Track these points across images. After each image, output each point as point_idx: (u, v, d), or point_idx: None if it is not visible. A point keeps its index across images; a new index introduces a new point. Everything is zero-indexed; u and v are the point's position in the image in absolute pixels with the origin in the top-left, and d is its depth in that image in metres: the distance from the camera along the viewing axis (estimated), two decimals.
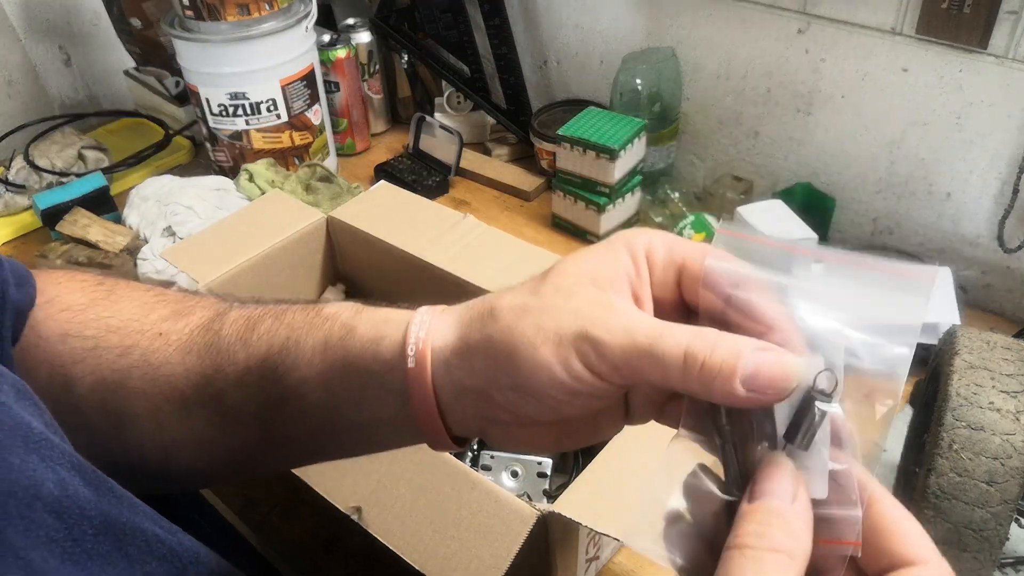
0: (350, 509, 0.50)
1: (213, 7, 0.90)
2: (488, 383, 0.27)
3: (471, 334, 0.28)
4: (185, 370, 0.33)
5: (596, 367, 0.25)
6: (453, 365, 0.28)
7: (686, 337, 0.24)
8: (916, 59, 0.76)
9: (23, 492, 0.22)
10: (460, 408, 0.28)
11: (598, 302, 0.26)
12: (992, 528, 0.46)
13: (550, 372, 0.25)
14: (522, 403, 0.27)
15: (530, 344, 0.26)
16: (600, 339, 0.25)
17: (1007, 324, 0.80)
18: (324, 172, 0.99)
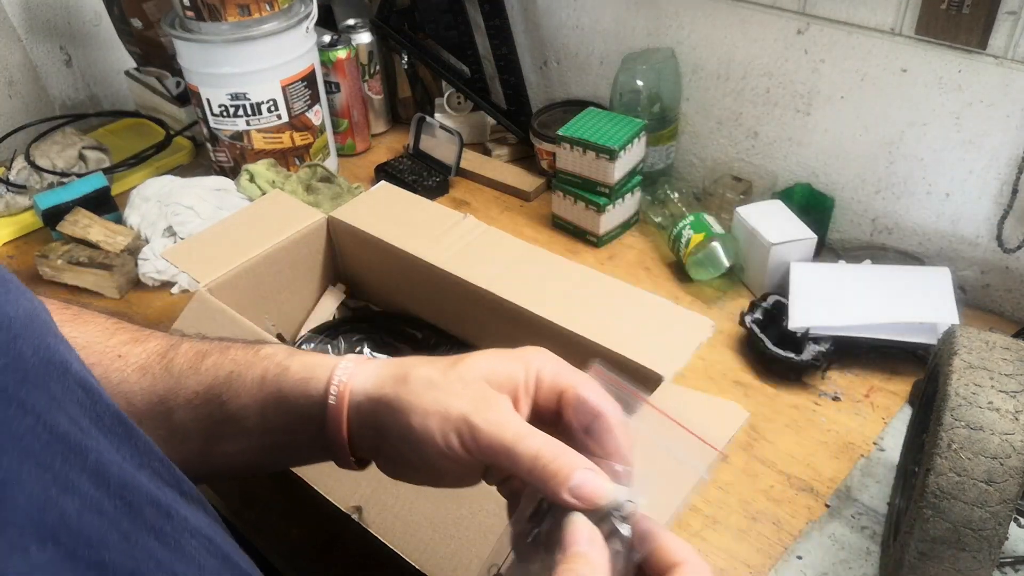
0: (350, 509, 0.50)
1: (214, 8, 0.90)
2: (386, 429, 0.35)
3: (384, 389, 0.35)
4: (141, 389, 0.38)
5: (468, 445, 0.33)
6: (364, 409, 0.36)
7: (539, 443, 0.32)
8: (915, 59, 0.76)
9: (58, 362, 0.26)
10: (362, 439, 0.36)
11: (486, 397, 0.33)
12: (991, 527, 0.46)
13: (432, 438, 0.33)
14: (406, 451, 0.34)
15: (424, 412, 0.33)
16: (477, 426, 0.32)
17: (1006, 324, 0.80)
18: (325, 172, 0.99)
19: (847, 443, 0.69)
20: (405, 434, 0.34)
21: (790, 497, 0.64)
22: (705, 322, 0.61)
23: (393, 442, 0.35)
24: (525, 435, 0.32)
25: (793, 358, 0.73)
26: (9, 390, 0.23)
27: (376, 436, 0.36)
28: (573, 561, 0.29)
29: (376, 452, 0.37)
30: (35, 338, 0.25)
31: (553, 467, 0.31)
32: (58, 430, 0.24)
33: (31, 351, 0.25)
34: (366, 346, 0.77)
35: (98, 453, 0.25)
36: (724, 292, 0.86)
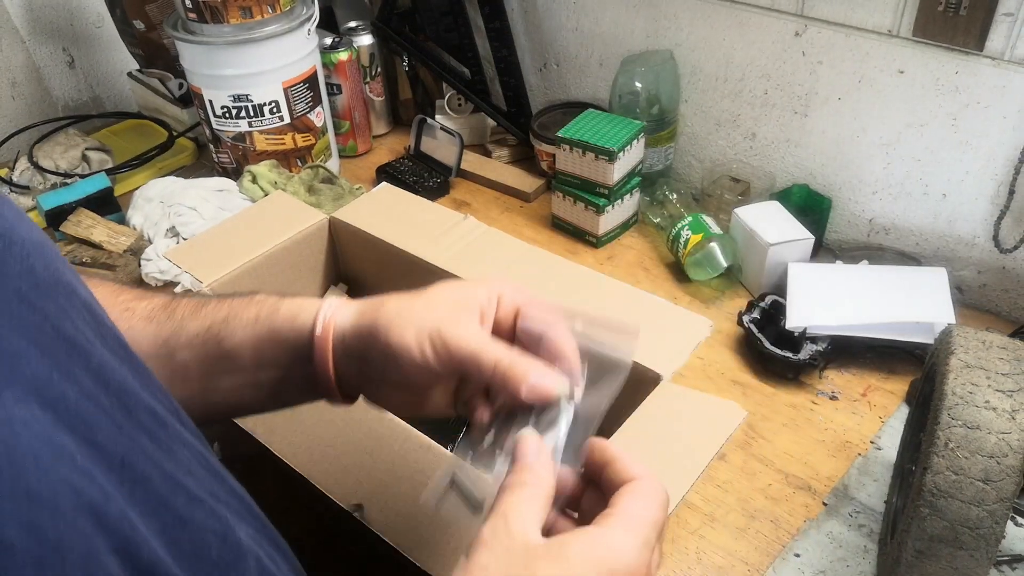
0: (352, 506, 0.50)
1: (216, 10, 0.90)
2: (369, 353, 0.39)
3: (364, 318, 0.40)
4: (146, 335, 0.42)
5: (439, 353, 0.38)
6: (348, 336, 0.40)
7: (500, 351, 0.37)
8: (912, 61, 0.76)
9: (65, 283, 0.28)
10: (347, 368, 0.40)
11: (454, 313, 0.39)
12: (988, 526, 0.46)
13: (409, 350, 0.38)
14: (387, 368, 0.39)
15: (400, 329, 0.38)
16: (447, 336, 0.37)
17: (1003, 324, 0.81)
18: (326, 173, 1.00)
19: (845, 442, 0.69)
20: (385, 352, 0.38)
21: (788, 496, 0.65)
22: (703, 322, 0.61)
23: (376, 365, 0.39)
24: (488, 344, 0.38)
25: (791, 357, 0.73)
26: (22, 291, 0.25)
27: (361, 363, 0.40)
28: (522, 472, 0.34)
29: (361, 380, 0.41)
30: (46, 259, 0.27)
31: (512, 370, 0.36)
32: (65, 332, 0.26)
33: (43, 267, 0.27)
34: None
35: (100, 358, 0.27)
36: (722, 292, 0.86)
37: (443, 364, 0.38)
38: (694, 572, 0.59)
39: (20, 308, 0.24)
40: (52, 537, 0.20)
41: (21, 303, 0.24)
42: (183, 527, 0.27)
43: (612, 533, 0.32)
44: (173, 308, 0.43)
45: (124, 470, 0.25)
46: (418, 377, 0.38)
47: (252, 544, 0.32)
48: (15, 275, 0.25)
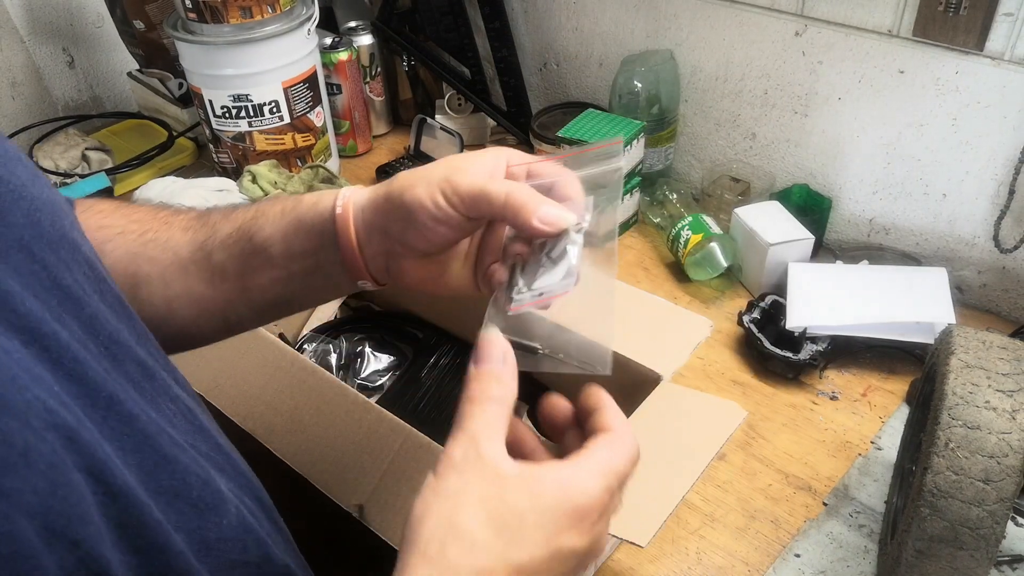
0: (352, 507, 0.50)
1: (216, 9, 0.90)
2: (387, 221, 0.41)
3: (378, 192, 0.42)
4: (184, 241, 0.45)
5: (451, 200, 0.39)
6: (367, 210, 0.42)
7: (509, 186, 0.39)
8: (913, 61, 0.76)
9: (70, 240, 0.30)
10: (370, 245, 0.42)
11: (461, 163, 0.40)
12: (988, 526, 0.46)
13: (423, 203, 0.39)
14: (405, 229, 0.40)
15: (412, 187, 0.40)
16: (456, 180, 0.39)
17: (1003, 324, 0.81)
18: (326, 173, 1.00)
19: (845, 442, 0.69)
20: (401, 212, 0.40)
21: (788, 496, 0.65)
22: (703, 322, 0.62)
23: (395, 232, 0.41)
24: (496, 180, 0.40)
25: (791, 357, 0.73)
26: (24, 239, 0.27)
27: (382, 236, 0.42)
28: (489, 381, 0.34)
29: (386, 256, 0.42)
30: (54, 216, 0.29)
31: (523, 201, 0.38)
32: (62, 282, 0.28)
33: (48, 223, 0.28)
34: (367, 345, 0.77)
35: (94, 310, 0.29)
36: (722, 292, 0.86)
37: (456, 208, 0.39)
38: (694, 572, 0.59)
39: (19, 256, 0.26)
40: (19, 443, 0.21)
41: (21, 251, 0.26)
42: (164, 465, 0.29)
43: (579, 474, 0.34)
44: (207, 216, 0.46)
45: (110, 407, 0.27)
46: (436, 233, 0.40)
47: (232, 497, 0.33)
48: (19, 225, 0.26)
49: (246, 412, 0.58)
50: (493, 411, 0.34)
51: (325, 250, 0.43)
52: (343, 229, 0.42)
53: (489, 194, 0.38)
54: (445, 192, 0.39)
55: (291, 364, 0.60)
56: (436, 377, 0.71)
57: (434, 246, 0.41)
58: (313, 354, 0.74)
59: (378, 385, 0.74)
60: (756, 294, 0.84)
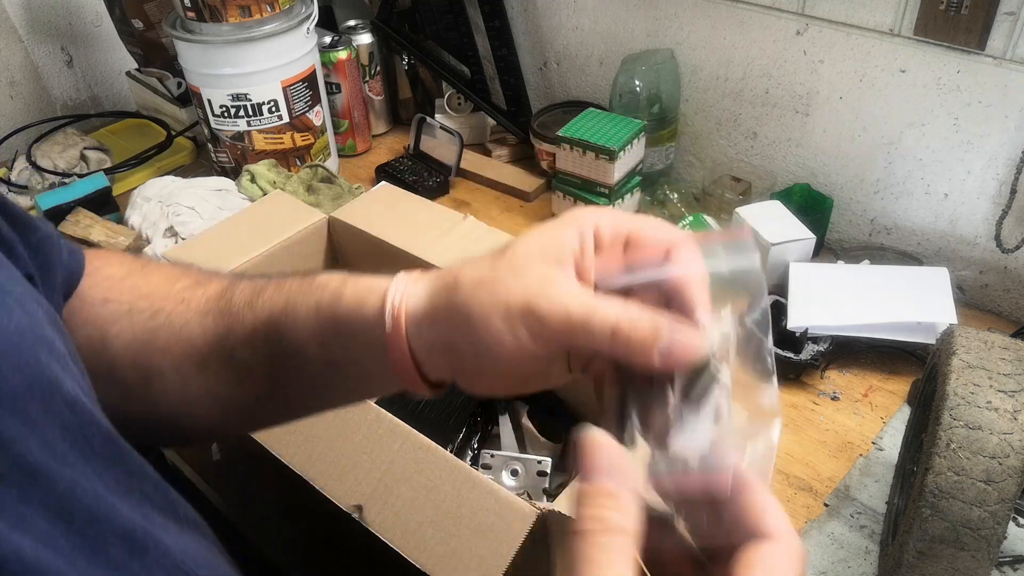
0: (351, 508, 0.50)
1: (215, 8, 0.90)
2: (452, 342, 0.32)
3: (438, 301, 0.32)
4: (203, 330, 0.38)
5: (538, 336, 0.29)
6: (424, 327, 0.32)
7: (615, 314, 0.28)
8: (914, 60, 0.76)
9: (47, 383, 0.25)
10: (432, 361, 0.33)
11: (544, 278, 0.30)
12: (990, 527, 0.46)
13: (500, 339, 0.30)
14: (479, 360, 0.31)
15: (484, 315, 0.30)
16: (542, 312, 0.29)
17: (1005, 324, 0.81)
18: (325, 173, 0.99)
19: (846, 442, 0.69)
20: (472, 344, 0.31)
21: (789, 496, 0.65)
22: None
23: (466, 355, 0.31)
24: (596, 306, 0.29)
25: (792, 358, 0.73)
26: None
27: (448, 353, 0.32)
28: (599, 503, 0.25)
29: (451, 371, 0.33)
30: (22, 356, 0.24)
31: (636, 334, 0.28)
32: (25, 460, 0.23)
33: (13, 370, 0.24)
34: None
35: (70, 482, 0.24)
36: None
37: (545, 345, 0.30)
38: None
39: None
40: None
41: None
42: None
43: None
44: (229, 299, 0.38)
45: None
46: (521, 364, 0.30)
47: None
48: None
49: None
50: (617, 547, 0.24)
51: (374, 359, 0.34)
52: (396, 348, 0.33)
53: (590, 329, 0.28)
54: (529, 325, 0.29)
55: None
56: None
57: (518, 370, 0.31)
58: None
59: None
60: None
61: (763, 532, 0.25)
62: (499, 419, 0.68)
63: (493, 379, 0.33)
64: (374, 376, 0.35)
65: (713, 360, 0.28)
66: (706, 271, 0.30)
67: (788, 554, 0.24)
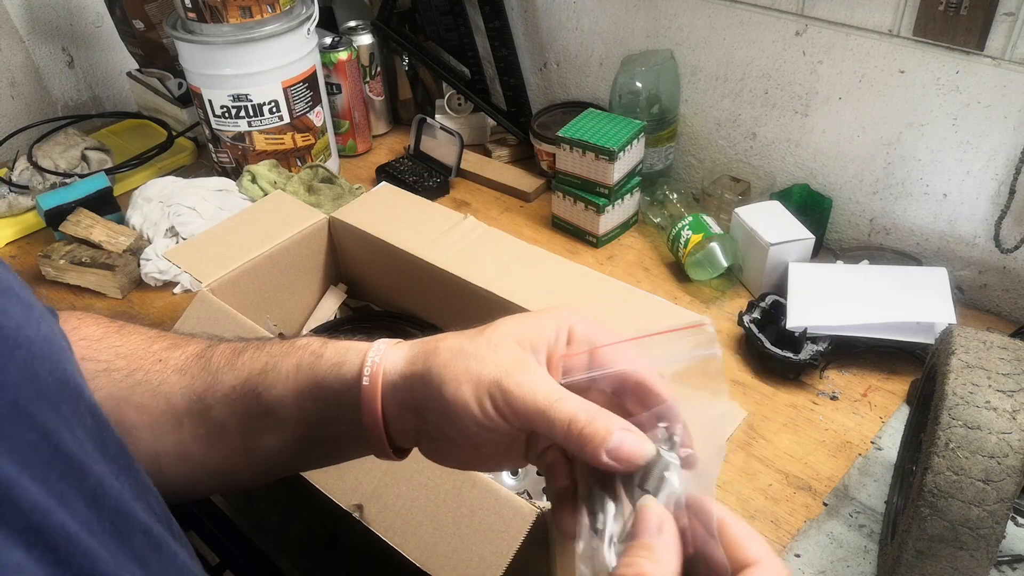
0: (351, 507, 0.50)
1: (215, 9, 0.90)
2: (422, 404, 0.34)
3: (416, 365, 0.35)
4: (180, 388, 0.39)
5: (503, 411, 0.32)
6: (399, 387, 0.35)
7: (573, 407, 0.31)
8: (913, 61, 0.76)
9: (73, 388, 0.27)
10: (400, 422, 0.35)
11: (517, 360, 0.33)
12: (988, 526, 0.46)
13: (467, 406, 0.32)
14: (445, 425, 0.34)
15: (456, 380, 0.33)
16: (510, 391, 0.32)
17: (1004, 324, 0.81)
18: (326, 173, 1.00)
19: (845, 442, 0.69)
20: (441, 407, 0.33)
21: (788, 496, 0.65)
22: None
23: (432, 419, 0.34)
24: (559, 398, 0.32)
25: (791, 357, 0.73)
26: (20, 404, 0.23)
27: (414, 416, 0.35)
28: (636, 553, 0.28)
29: (416, 434, 0.36)
30: (52, 361, 0.26)
31: (589, 430, 0.30)
32: (63, 448, 0.24)
33: (47, 372, 0.25)
34: None
35: (99, 476, 0.26)
36: (723, 292, 0.86)
37: (508, 421, 0.32)
38: None
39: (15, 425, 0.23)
40: None
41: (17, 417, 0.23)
42: None
43: None
44: (208, 358, 0.40)
45: None
46: (480, 435, 0.33)
47: None
48: (14, 384, 0.23)
49: None
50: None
51: (345, 420, 0.36)
52: (369, 405, 0.35)
53: (550, 418, 0.31)
54: (495, 400, 0.32)
55: None
56: None
57: (478, 443, 0.34)
58: None
59: None
60: (756, 294, 0.83)
61: (747, 560, 0.28)
62: None
63: (455, 450, 0.36)
64: (343, 438, 0.37)
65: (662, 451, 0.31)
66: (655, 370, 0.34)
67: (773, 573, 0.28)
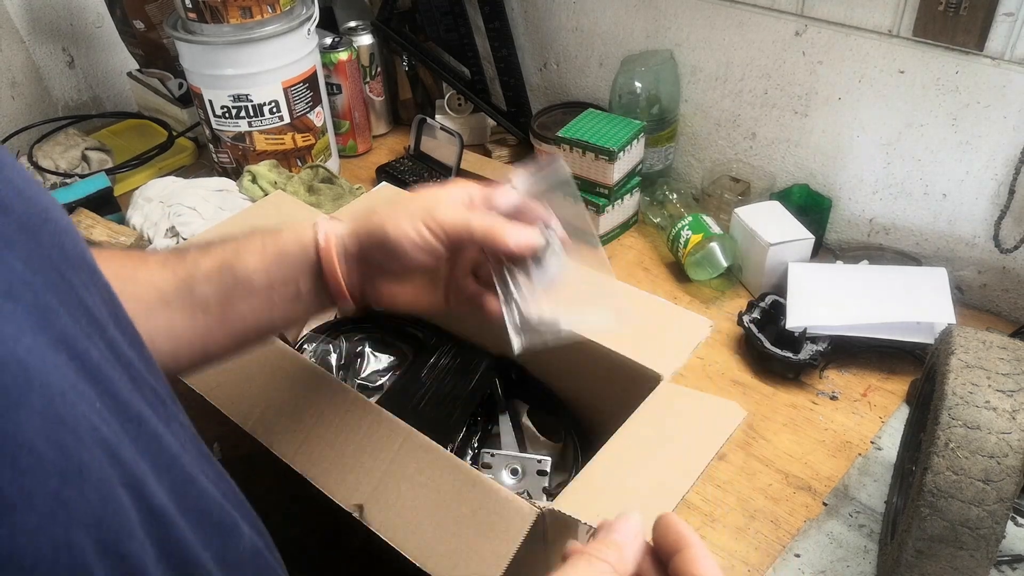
0: (352, 507, 0.50)
1: (215, 9, 0.90)
2: (368, 253, 0.46)
3: (359, 225, 0.47)
4: (164, 278, 0.47)
5: (435, 231, 0.44)
6: (348, 244, 0.47)
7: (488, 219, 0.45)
8: (913, 61, 0.76)
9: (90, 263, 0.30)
10: (351, 273, 0.47)
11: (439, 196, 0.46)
12: (988, 526, 0.47)
13: (407, 235, 0.44)
14: (388, 260, 0.46)
15: (395, 220, 0.45)
16: (439, 215, 0.44)
17: (1003, 324, 0.81)
18: (326, 173, 1.00)
19: (845, 442, 0.69)
20: (385, 246, 0.45)
21: (788, 496, 0.65)
22: (703, 322, 0.61)
23: (376, 262, 0.46)
24: (476, 215, 0.45)
25: (791, 357, 0.73)
26: (53, 259, 0.27)
27: (361, 264, 0.47)
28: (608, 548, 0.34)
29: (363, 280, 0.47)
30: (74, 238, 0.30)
31: (500, 229, 0.44)
32: (86, 303, 0.28)
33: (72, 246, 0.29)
34: (367, 346, 0.77)
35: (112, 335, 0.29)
36: (722, 292, 0.86)
37: (439, 240, 0.44)
38: None
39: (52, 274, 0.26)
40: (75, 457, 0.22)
41: (52, 270, 0.26)
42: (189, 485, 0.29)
43: None
44: (183, 253, 0.48)
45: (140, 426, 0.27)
46: (417, 259, 0.45)
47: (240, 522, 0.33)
48: (48, 245, 0.27)
49: (246, 412, 0.58)
50: (598, 570, 0.33)
51: (306, 278, 0.47)
52: (327, 260, 0.46)
53: (469, 226, 0.44)
54: (429, 225, 0.44)
55: (291, 364, 0.60)
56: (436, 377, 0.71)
57: (412, 271, 0.47)
58: (313, 354, 0.74)
59: (378, 385, 0.74)
60: (756, 294, 0.84)
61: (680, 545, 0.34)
62: (499, 419, 0.68)
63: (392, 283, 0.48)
64: (304, 295, 0.47)
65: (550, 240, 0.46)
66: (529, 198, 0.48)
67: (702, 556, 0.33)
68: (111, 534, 0.22)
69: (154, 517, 0.25)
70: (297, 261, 0.47)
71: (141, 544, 0.24)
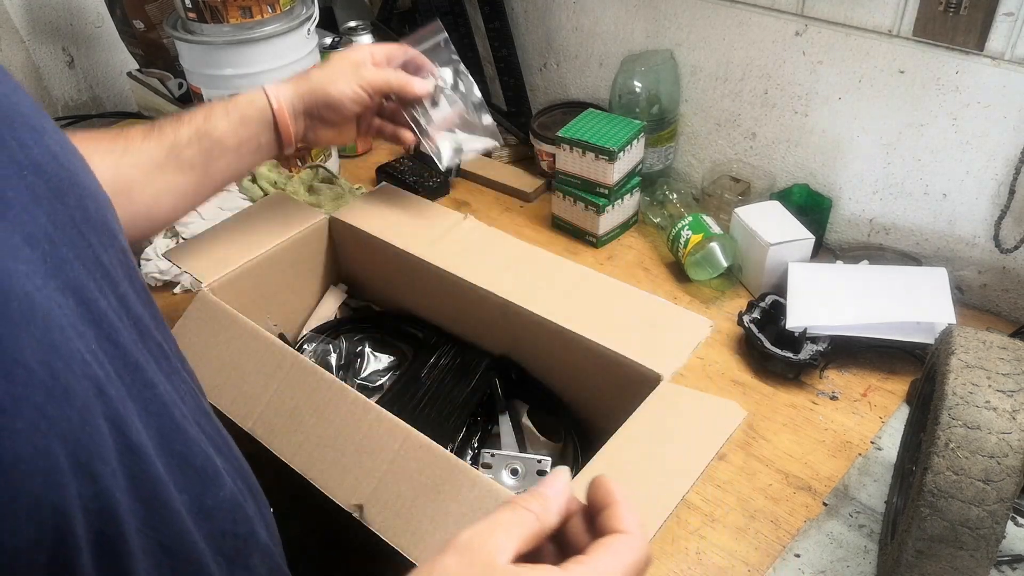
0: (352, 507, 0.50)
1: (215, 9, 0.90)
2: (313, 107, 0.66)
3: (302, 87, 0.66)
4: (153, 146, 0.60)
5: (365, 88, 0.66)
6: (295, 102, 0.65)
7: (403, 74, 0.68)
8: (913, 61, 0.76)
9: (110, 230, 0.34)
10: (297, 125, 0.66)
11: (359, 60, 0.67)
12: (988, 526, 0.46)
13: (344, 93, 0.65)
14: (329, 113, 0.66)
15: (333, 82, 0.65)
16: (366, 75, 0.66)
17: (1004, 324, 0.81)
18: (326, 173, 1.00)
19: (845, 442, 0.69)
20: (329, 103, 0.65)
21: (788, 496, 0.65)
22: (703, 322, 0.62)
23: (316, 114, 0.66)
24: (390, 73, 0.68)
25: (791, 357, 0.73)
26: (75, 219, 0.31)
27: (307, 118, 0.66)
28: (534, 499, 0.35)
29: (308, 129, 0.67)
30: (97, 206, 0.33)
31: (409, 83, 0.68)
32: (102, 260, 0.32)
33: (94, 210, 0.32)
34: (367, 345, 0.77)
35: (125, 291, 0.33)
36: (722, 292, 0.86)
37: (368, 93, 0.65)
38: (694, 572, 0.59)
39: (72, 231, 0.30)
40: (62, 381, 0.25)
41: (73, 228, 0.30)
42: (176, 432, 0.32)
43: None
44: (160, 127, 0.61)
45: (136, 372, 0.31)
46: (352, 111, 0.66)
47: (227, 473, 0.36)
48: (72, 207, 0.31)
49: (246, 412, 0.58)
50: (521, 518, 0.33)
51: (265, 133, 0.64)
52: (281, 118, 0.64)
53: (389, 81, 0.67)
54: (361, 84, 0.65)
55: (291, 364, 0.60)
56: (436, 377, 0.71)
57: (345, 119, 0.67)
58: (313, 354, 0.74)
59: (378, 385, 0.74)
60: (756, 294, 0.83)
61: (620, 529, 0.34)
62: (499, 419, 0.68)
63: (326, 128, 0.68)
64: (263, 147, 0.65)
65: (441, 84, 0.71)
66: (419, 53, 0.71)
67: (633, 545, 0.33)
68: (85, 453, 0.25)
69: (131, 452, 0.28)
70: (256, 121, 0.63)
71: (113, 472, 0.26)
